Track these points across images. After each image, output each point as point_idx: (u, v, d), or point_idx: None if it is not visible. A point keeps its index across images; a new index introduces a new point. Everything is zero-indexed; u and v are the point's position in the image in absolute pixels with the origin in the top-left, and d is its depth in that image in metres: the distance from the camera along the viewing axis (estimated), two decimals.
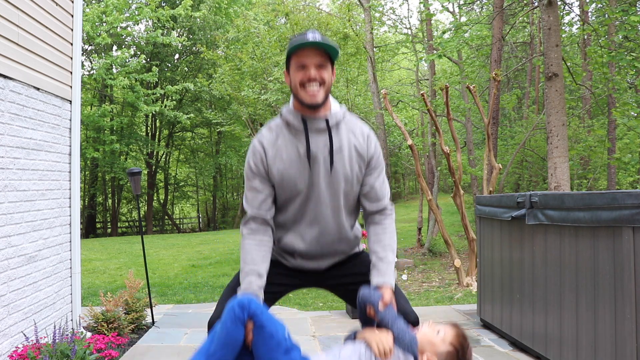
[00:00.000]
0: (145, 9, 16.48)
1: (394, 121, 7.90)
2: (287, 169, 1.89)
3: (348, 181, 1.93)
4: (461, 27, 9.03)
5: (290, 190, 1.91)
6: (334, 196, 1.93)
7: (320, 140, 1.89)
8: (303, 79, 1.83)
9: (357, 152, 1.94)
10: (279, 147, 1.90)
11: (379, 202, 2.00)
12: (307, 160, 1.88)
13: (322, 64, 1.84)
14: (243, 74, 10.75)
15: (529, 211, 3.32)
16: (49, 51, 3.67)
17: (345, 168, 1.91)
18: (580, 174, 13.14)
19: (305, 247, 1.97)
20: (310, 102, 1.84)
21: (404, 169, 26.09)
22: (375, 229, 1.99)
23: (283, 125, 1.94)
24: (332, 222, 1.96)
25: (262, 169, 1.91)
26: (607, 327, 2.61)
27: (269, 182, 1.93)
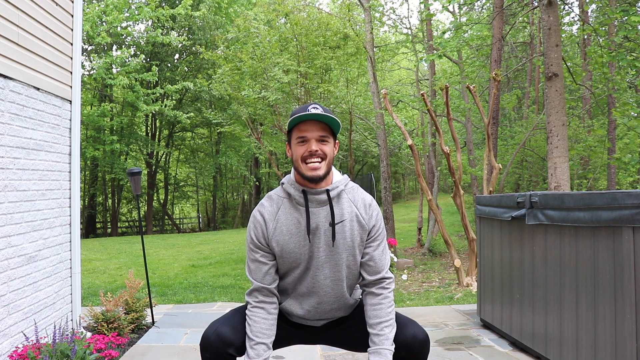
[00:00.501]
0: (145, 8, 16.48)
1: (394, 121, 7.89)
2: (287, 242, 1.90)
3: (350, 253, 1.93)
4: (461, 27, 9.03)
5: (290, 262, 1.93)
6: (335, 268, 1.94)
7: (322, 212, 1.89)
8: (304, 153, 1.83)
9: (359, 223, 1.93)
10: (279, 219, 1.91)
11: (377, 273, 1.96)
12: (307, 234, 1.89)
13: (324, 137, 1.84)
14: (243, 74, 10.75)
15: (529, 211, 3.32)
16: (49, 51, 3.67)
17: (346, 240, 1.91)
18: (580, 174, 13.14)
19: (303, 314, 2.01)
20: (312, 176, 1.83)
21: (404, 169, 26.09)
22: (372, 300, 1.95)
23: (284, 197, 1.94)
24: (332, 293, 1.98)
25: (263, 242, 1.93)
26: (607, 327, 2.61)
27: (271, 255, 1.95)
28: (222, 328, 1.89)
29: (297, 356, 3.60)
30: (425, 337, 1.92)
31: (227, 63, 11.20)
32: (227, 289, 6.73)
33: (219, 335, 1.87)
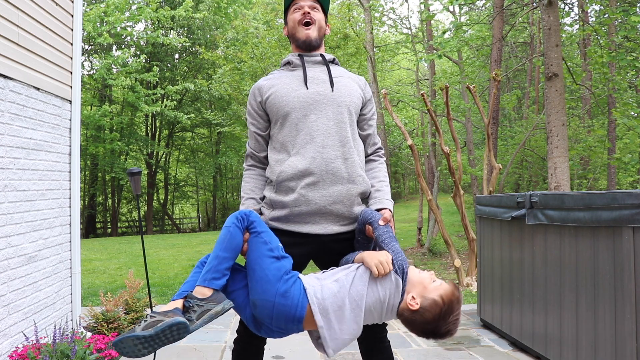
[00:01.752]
0: (146, 9, 16.48)
1: (394, 121, 7.89)
2: (280, 89, 1.98)
3: (352, 99, 2.01)
4: (461, 27, 9.03)
5: (287, 103, 1.94)
6: (338, 110, 1.96)
7: (318, 69, 2.03)
8: (299, 17, 2.03)
9: (357, 84, 2.08)
10: (274, 80, 2.03)
11: (375, 145, 2.14)
12: (304, 81, 1.97)
13: (315, 7, 2.05)
14: (243, 74, 10.76)
15: (529, 211, 3.32)
16: (49, 51, 3.67)
17: (346, 88, 2.01)
18: (580, 174, 13.14)
19: (307, 165, 1.87)
20: (305, 38, 2.02)
21: (404, 169, 26.09)
22: (371, 165, 2.11)
23: (282, 69, 2.09)
24: (336, 136, 1.92)
25: (255, 107, 2.04)
26: (607, 327, 2.61)
27: (262, 122, 2.04)
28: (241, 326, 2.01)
29: (297, 356, 3.60)
30: None
31: (227, 63, 11.21)
32: None
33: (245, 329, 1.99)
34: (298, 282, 1.69)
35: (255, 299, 1.67)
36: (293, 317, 1.65)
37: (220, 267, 1.68)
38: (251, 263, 1.71)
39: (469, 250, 7.01)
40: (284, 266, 1.70)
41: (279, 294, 1.64)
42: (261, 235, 1.73)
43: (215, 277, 1.66)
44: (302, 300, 1.65)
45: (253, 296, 1.68)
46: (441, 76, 14.64)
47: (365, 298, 1.66)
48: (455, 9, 14.18)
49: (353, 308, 1.66)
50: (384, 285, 1.68)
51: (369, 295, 1.67)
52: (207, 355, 3.62)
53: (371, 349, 2.02)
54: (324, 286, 1.68)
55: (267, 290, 1.65)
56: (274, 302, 1.64)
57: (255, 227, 1.74)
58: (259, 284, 1.67)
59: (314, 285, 1.69)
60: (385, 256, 1.69)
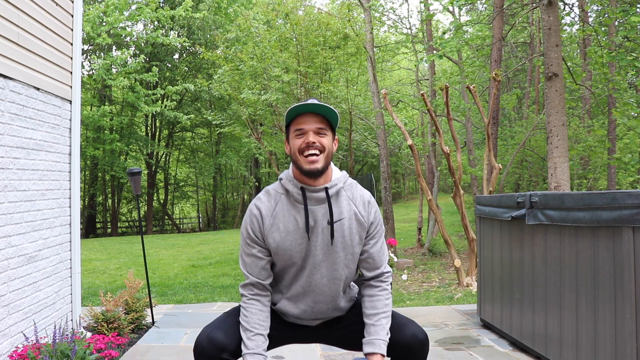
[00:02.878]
0: (145, 9, 16.47)
1: (394, 121, 7.90)
2: (283, 240, 1.86)
3: (349, 252, 1.91)
4: (461, 27, 9.03)
5: (286, 260, 1.90)
6: (333, 267, 1.91)
7: (320, 210, 1.86)
8: (302, 145, 1.79)
9: (358, 221, 1.91)
10: (276, 215, 1.88)
11: (376, 269, 1.97)
12: (305, 232, 1.85)
13: (322, 130, 1.81)
14: (243, 74, 10.76)
15: (529, 211, 3.32)
16: (49, 51, 3.67)
17: (345, 239, 1.89)
18: (580, 174, 13.14)
19: (298, 313, 1.99)
20: (309, 168, 1.79)
21: (404, 169, 26.09)
22: (370, 292, 1.97)
23: (282, 193, 1.90)
24: (328, 292, 1.95)
25: (260, 237, 1.90)
26: (607, 327, 2.61)
27: (267, 250, 1.92)
28: (214, 333, 1.85)
29: (297, 356, 3.60)
30: (425, 337, 1.91)
31: (227, 63, 11.20)
32: (227, 289, 6.73)
33: (212, 341, 1.83)
34: None
35: None
36: None
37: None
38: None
39: (469, 250, 7.01)
40: None
41: None
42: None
43: None
44: None
45: None
46: (441, 76, 14.63)
47: None
48: (455, 9, 14.17)
49: None
50: None
51: None
52: None
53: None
54: None
55: None
56: None
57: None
58: None
59: None
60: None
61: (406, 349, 1.90)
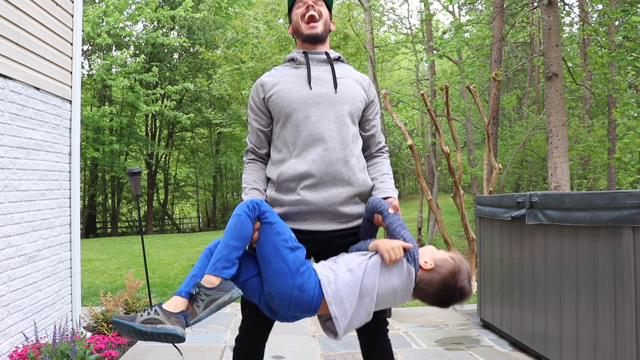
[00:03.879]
0: (145, 9, 16.47)
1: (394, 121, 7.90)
2: (283, 89, 1.95)
3: (354, 102, 1.98)
4: (461, 27, 9.03)
5: (289, 104, 1.92)
6: (340, 112, 1.94)
7: (322, 69, 1.99)
8: (303, 11, 1.98)
9: (360, 85, 2.04)
10: (278, 77, 1.99)
11: (379, 144, 2.13)
12: (307, 81, 1.94)
13: (319, 2, 2.01)
14: (243, 74, 10.76)
15: (529, 211, 3.32)
16: (49, 51, 3.67)
17: (350, 90, 1.98)
18: (580, 174, 13.15)
19: (307, 167, 1.88)
20: (310, 33, 1.98)
21: (404, 169, 26.09)
22: (374, 160, 2.11)
23: (287, 64, 2.06)
24: (337, 138, 1.91)
25: (258, 104, 2.01)
26: (607, 327, 2.61)
27: (265, 118, 2.01)
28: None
29: (297, 356, 3.60)
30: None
31: (228, 63, 11.21)
32: None
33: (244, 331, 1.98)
34: (313, 275, 1.70)
35: (272, 290, 1.68)
36: (309, 308, 1.69)
37: (231, 256, 1.66)
38: (266, 254, 1.70)
39: (469, 250, 7.01)
40: (299, 257, 1.70)
41: (296, 287, 1.66)
42: (274, 226, 1.71)
43: (225, 266, 1.65)
44: (317, 293, 1.67)
45: (269, 288, 1.68)
46: (441, 76, 14.64)
47: (377, 287, 1.69)
48: (455, 9, 14.18)
49: (364, 297, 1.69)
50: (397, 273, 1.71)
51: (381, 285, 1.70)
52: (207, 355, 3.62)
53: (372, 346, 2.02)
54: (338, 277, 1.70)
55: (284, 284, 1.66)
56: (291, 295, 1.66)
57: (267, 217, 1.72)
58: (275, 277, 1.67)
59: (328, 276, 1.70)
60: (397, 243, 1.72)
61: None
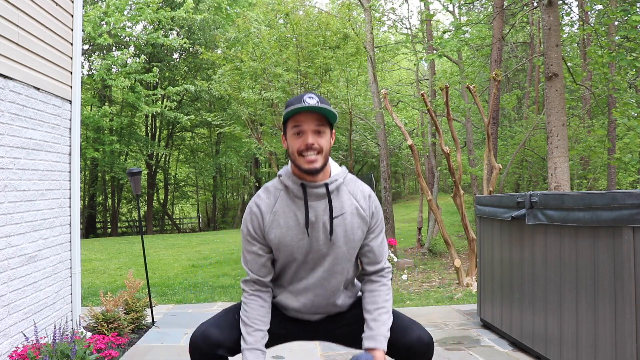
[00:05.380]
0: (146, 10, 16.46)
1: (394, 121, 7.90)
2: (284, 236, 1.86)
3: (351, 246, 1.91)
4: (461, 27, 9.03)
5: (287, 256, 1.90)
6: (334, 261, 1.91)
7: (320, 206, 1.86)
8: (301, 146, 1.79)
9: (359, 216, 1.91)
10: (276, 212, 1.87)
11: (377, 264, 1.98)
12: (305, 228, 1.85)
13: (320, 129, 1.80)
14: (243, 74, 10.75)
15: (529, 211, 3.32)
16: (49, 51, 3.67)
17: (346, 233, 1.89)
18: (581, 174, 13.14)
19: (298, 307, 1.98)
20: (308, 168, 1.80)
21: (404, 169, 26.09)
22: (371, 287, 1.98)
23: (282, 189, 1.90)
24: (329, 287, 1.95)
25: (260, 234, 1.90)
26: (607, 327, 2.61)
27: (268, 247, 1.92)
28: (209, 329, 1.86)
29: (297, 356, 3.60)
30: (430, 340, 1.90)
31: (227, 63, 11.20)
32: (227, 289, 6.73)
33: (206, 337, 1.84)
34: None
35: None
36: None
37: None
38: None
39: (469, 250, 7.01)
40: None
41: None
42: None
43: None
44: None
45: None
46: (441, 76, 14.63)
47: None
48: (455, 9, 14.17)
49: None
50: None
51: None
52: None
53: None
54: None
55: None
56: None
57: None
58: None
59: None
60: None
61: (410, 351, 1.88)
